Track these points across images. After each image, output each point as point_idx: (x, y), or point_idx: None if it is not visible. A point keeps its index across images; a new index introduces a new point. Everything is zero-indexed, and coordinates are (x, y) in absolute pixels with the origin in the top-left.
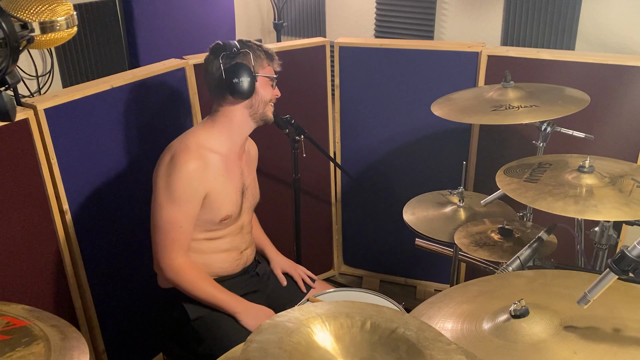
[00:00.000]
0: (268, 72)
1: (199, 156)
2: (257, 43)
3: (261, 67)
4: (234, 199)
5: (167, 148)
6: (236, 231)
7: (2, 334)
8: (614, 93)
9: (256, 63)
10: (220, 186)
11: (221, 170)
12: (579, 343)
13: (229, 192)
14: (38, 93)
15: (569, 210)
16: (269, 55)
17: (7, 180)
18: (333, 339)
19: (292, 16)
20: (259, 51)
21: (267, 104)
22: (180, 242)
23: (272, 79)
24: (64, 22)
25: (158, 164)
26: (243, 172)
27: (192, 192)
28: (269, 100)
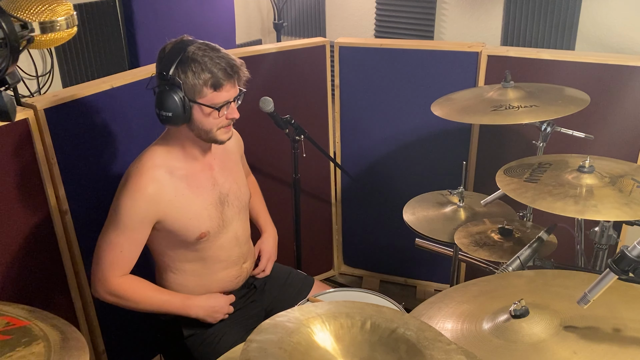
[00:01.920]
0: (211, 99)
1: (151, 180)
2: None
3: (199, 94)
4: (207, 215)
5: (125, 172)
6: (230, 244)
7: (2, 334)
8: (614, 93)
9: (190, 89)
10: (184, 207)
11: (182, 190)
12: (579, 343)
13: (198, 209)
14: (38, 93)
15: (569, 210)
16: (216, 79)
17: (7, 180)
18: (333, 339)
19: (292, 16)
20: (196, 75)
21: (215, 129)
22: (118, 266)
23: (218, 109)
24: (64, 22)
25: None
26: (217, 181)
27: (139, 219)
28: (213, 128)
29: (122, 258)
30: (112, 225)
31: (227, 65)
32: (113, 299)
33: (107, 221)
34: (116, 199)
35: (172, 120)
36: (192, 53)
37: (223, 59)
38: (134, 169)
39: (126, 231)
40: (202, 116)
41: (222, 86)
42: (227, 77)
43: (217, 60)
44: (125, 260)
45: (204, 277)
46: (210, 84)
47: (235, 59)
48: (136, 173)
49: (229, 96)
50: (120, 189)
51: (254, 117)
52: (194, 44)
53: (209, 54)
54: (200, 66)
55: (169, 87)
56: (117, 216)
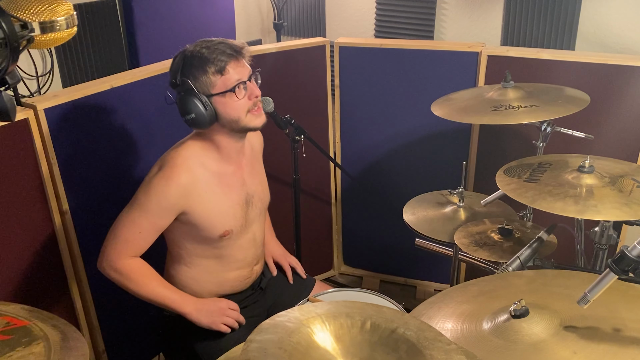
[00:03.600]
0: (223, 84)
1: (186, 169)
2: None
3: (211, 86)
4: (233, 213)
5: (160, 158)
6: (248, 244)
7: (2, 334)
8: (614, 93)
9: (202, 86)
10: (212, 203)
11: (213, 187)
12: (579, 343)
13: (225, 207)
14: (38, 93)
15: (569, 210)
16: (218, 64)
17: (7, 180)
18: (333, 339)
19: (292, 16)
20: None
21: (244, 115)
22: (132, 245)
23: (232, 90)
24: (64, 22)
25: (150, 170)
26: (245, 181)
27: (167, 206)
28: (240, 115)
29: (138, 239)
30: (137, 205)
31: (226, 47)
32: (116, 275)
33: (133, 200)
34: (147, 182)
35: (199, 122)
36: (191, 52)
37: (220, 44)
38: (169, 157)
39: (150, 215)
40: (224, 106)
41: (225, 68)
42: (228, 57)
43: (215, 47)
44: (140, 242)
45: (217, 275)
46: (214, 70)
47: (232, 41)
48: (172, 161)
49: (240, 76)
50: (153, 173)
51: None
52: (191, 46)
53: (205, 45)
54: (200, 59)
55: (183, 92)
56: (145, 198)
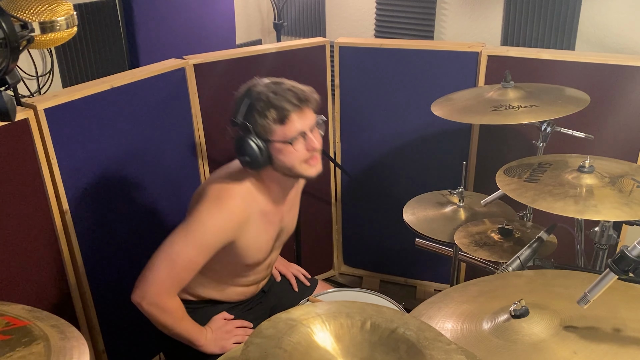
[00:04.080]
0: (283, 133)
1: (243, 204)
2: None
3: (270, 133)
4: (266, 247)
5: (210, 182)
6: (264, 269)
7: (2, 334)
8: (614, 93)
9: (261, 130)
10: (254, 239)
11: (259, 223)
12: (579, 343)
13: (263, 242)
14: (38, 93)
15: (569, 210)
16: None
17: (7, 180)
18: (333, 339)
19: (292, 16)
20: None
21: (298, 164)
22: (181, 281)
23: (290, 142)
24: (64, 22)
25: (201, 194)
26: (284, 218)
27: (224, 238)
28: (295, 163)
29: (188, 275)
30: (193, 239)
31: (292, 96)
32: (154, 310)
33: (186, 233)
34: (206, 214)
35: (253, 165)
36: (257, 93)
37: (287, 91)
38: (226, 189)
39: (206, 248)
40: (281, 154)
41: (288, 118)
42: (293, 107)
43: (282, 93)
44: (188, 277)
45: (225, 288)
46: (276, 118)
47: (301, 87)
48: (229, 193)
49: (302, 126)
50: (209, 207)
51: None
52: (259, 85)
53: (272, 88)
54: (265, 104)
55: (242, 132)
56: (203, 231)
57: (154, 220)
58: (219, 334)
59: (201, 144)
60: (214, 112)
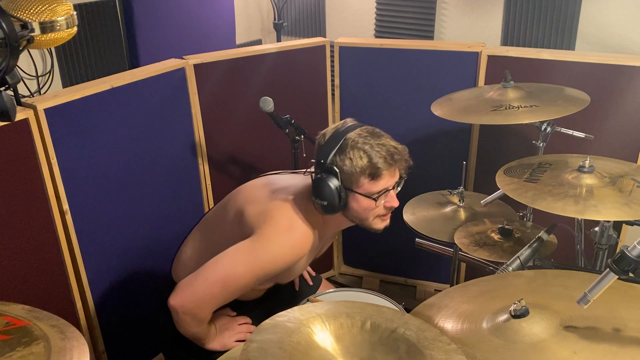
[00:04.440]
0: (369, 188)
1: (309, 242)
2: (362, 147)
3: (356, 184)
4: (301, 271)
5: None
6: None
7: (2, 334)
8: (614, 93)
9: (347, 177)
10: (301, 265)
11: (310, 253)
12: (579, 343)
13: (302, 268)
14: (38, 93)
15: (569, 210)
16: (376, 169)
17: (7, 180)
18: (333, 339)
19: (292, 16)
20: (355, 164)
21: (372, 218)
22: (226, 301)
23: (375, 198)
24: (64, 22)
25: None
26: (320, 249)
27: (282, 269)
28: (369, 217)
29: (232, 296)
30: (256, 268)
31: (388, 154)
32: (188, 319)
33: (251, 259)
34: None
35: (327, 209)
36: (352, 140)
37: (384, 147)
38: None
39: (263, 278)
40: (358, 205)
41: (380, 175)
42: (387, 166)
43: (378, 149)
44: (228, 300)
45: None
46: (368, 173)
47: (397, 146)
48: (300, 228)
49: (387, 184)
50: (280, 235)
51: (254, 117)
52: (355, 130)
53: (369, 141)
54: (359, 154)
55: (326, 175)
56: (267, 264)
57: (154, 220)
58: (222, 331)
59: (201, 144)
60: (214, 112)
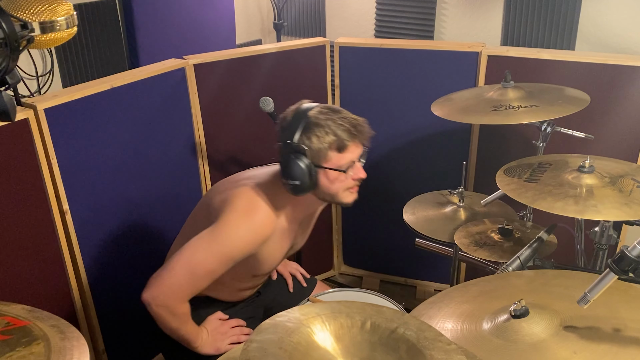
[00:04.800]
0: (337, 161)
1: (272, 223)
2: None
3: (325, 159)
4: (277, 261)
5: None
6: (265, 276)
7: (2, 334)
8: (614, 93)
9: (315, 155)
10: (271, 252)
11: (279, 238)
12: (579, 343)
13: (277, 256)
14: (38, 93)
15: (569, 210)
16: (341, 141)
17: (7, 180)
18: (333, 339)
19: (292, 16)
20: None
21: (342, 192)
22: (198, 289)
23: (344, 170)
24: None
25: (227, 201)
26: (297, 236)
27: (244, 253)
28: (339, 191)
29: (205, 283)
30: (218, 252)
31: (351, 126)
32: (163, 312)
33: (211, 244)
34: (231, 228)
35: (299, 189)
36: (315, 118)
37: (346, 120)
38: (258, 204)
39: (228, 262)
40: (328, 181)
41: (346, 147)
42: (352, 137)
43: (340, 122)
44: (205, 285)
45: (223, 288)
46: (335, 146)
47: (357, 118)
48: (261, 209)
49: (354, 156)
50: (237, 218)
51: (254, 117)
52: (314, 108)
53: (331, 116)
54: (324, 130)
55: (294, 155)
56: (228, 247)
57: (154, 220)
58: (215, 335)
59: (201, 144)
60: (214, 112)
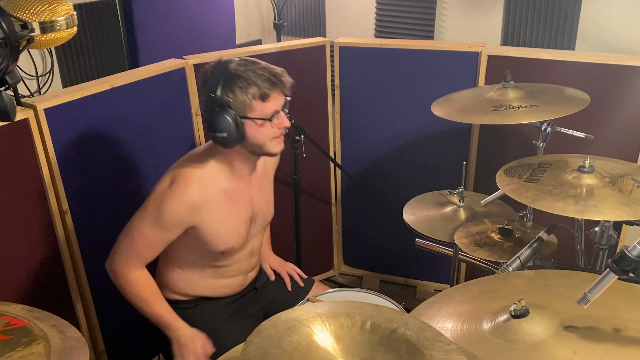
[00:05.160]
0: (262, 111)
1: (199, 187)
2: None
3: (249, 109)
4: (237, 232)
5: (173, 167)
6: (245, 257)
7: (2, 334)
8: (614, 93)
9: (239, 106)
10: (220, 220)
11: (223, 205)
12: (579, 343)
13: (231, 225)
14: (38, 93)
15: (569, 210)
16: (263, 90)
17: (7, 180)
18: (333, 339)
19: (292, 16)
20: (243, 90)
21: (269, 141)
22: (142, 256)
23: (270, 119)
24: (64, 22)
25: (160, 180)
26: (253, 200)
27: (178, 222)
28: (266, 140)
29: (147, 251)
30: (149, 219)
31: (271, 75)
32: (126, 287)
33: (144, 211)
34: (160, 196)
35: (228, 141)
36: (235, 70)
37: (266, 70)
38: (183, 172)
39: (161, 230)
40: (255, 131)
41: (269, 96)
42: (273, 86)
43: (261, 72)
44: (149, 254)
45: (209, 281)
46: (258, 96)
47: (276, 67)
48: (186, 177)
49: (277, 105)
50: (165, 186)
51: None
52: (234, 61)
53: (251, 67)
54: (246, 81)
55: (218, 108)
56: (157, 213)
57: None
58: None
59: (201, 144)
60: None
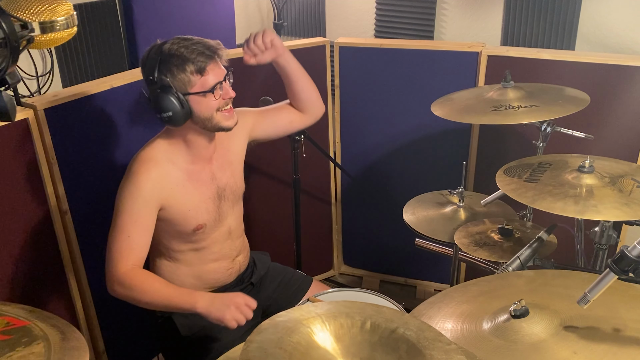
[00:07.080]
0: (202, 85)
1: (154, 165)
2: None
3: (189, 85)
4: (205, 208)
5: (130, 162)
6: (223, 238)
7: (2, 334)
8: (614, 93)
9: (179, 84)
10: (183, 198)
11: (184, 182)
12: (579, 343)
13: (196, 202)
14: (38, 93)
15: (569, 210)
16: (198, 64)
17: (7, 180)
18: (333, 339)
19: (292, 16)
20: (180, 68)
21: (215, 113)
22: (127, 252)
23: (212, 91)
24: (64, 22)
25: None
26: (215, 175)
27: (144, 202)
28: (212, 113)
29: (130, 244)
30: (118, 213)
31: (204, 48)
32: (123, 290)
33: (115, 210)
34: (120, 188)
35: (175, 120)
36: (169, 49)
37: (199, 44)
38: (136, 159)
39: (132, 216)
40: (199, 105)
41: (205, 69)
42: (208, 58)
43: (194, 47)
44: (133, 247)
45: (196, 267)
46: (194, 70)
47: (210, 41)
48: (139, 162)
49: (217, 77)
50: (123, 180)
51: None
52: (167, 42)
53: (183, 43)
54: (180, 58)
55: (160, 89)
56: (121, 203)
57: None
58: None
59: None
60: None
